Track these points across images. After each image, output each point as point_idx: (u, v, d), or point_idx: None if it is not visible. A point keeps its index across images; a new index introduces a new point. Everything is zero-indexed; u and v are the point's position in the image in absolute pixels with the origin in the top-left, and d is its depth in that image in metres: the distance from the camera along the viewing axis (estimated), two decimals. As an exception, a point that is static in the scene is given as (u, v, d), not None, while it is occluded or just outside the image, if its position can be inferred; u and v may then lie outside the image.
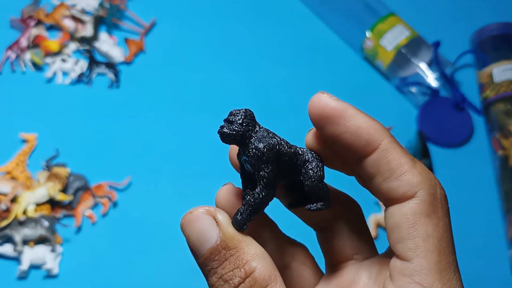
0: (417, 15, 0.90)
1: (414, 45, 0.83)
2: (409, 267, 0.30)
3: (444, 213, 0.32)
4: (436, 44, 0.83)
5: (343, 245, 0.34)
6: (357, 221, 0.35)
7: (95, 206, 0.72)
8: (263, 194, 0.32)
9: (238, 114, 0.33)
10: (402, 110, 0.84)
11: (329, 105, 0.32)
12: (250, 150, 0.32)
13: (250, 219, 0.32)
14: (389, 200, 0.31)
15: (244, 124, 0.32)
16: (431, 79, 0.82)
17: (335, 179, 0.40)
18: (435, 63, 0.83)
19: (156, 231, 0.72)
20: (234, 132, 0.32)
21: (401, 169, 0.31)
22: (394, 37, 0.83)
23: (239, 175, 0.35)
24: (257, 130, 0.33)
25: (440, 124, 0.81)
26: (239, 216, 0.32)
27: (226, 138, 0.32)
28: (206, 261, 0.30)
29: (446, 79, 0.83)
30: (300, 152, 0.34)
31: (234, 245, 0.30)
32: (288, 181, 0.33)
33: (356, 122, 0.31)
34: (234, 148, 0.34)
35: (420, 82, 0.82)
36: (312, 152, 0.34)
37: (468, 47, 0.89)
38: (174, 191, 0.74)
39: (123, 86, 0.81)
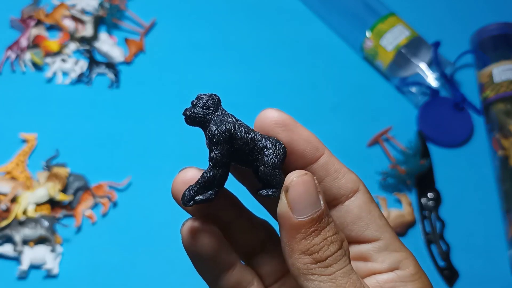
0: (417, 15, 0.90)
1: (414, 45, 0.83)
2: (382, 243, 0.35)
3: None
4: (436, 44, 0.83)
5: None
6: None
7: (95, 206, 0.72)
8: (210, 174, 0.34)
9: (202, 98, 0.35)
10: (402, 110, 0.84)
11: (284, 115, 0.36)
12: (206, 132, 0.33)
13: (195, 197, 0.33)
14: (339, 198, 0.36)
15: (204, 108, 0.34)
16: (431, 79, 0.82)
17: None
18: (435, 63, 0.83)
19: (156, 231, 0.72)
20: (194, 115, 0.34)
21: (343, 170, 0.36)
22: (394, 37, 0.83)
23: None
24: (217, 114, 0.34)
25: (440, 124, 0.82)
26: (187, 191, 0.33)
27: (187, 119, 0.34)
28: (311, 222, 0.31)
29: (446, 79, 0.83)
30: (259, 139, 0.34)
31: (329, 215, 0.32)
32: (246, 165, 0.34)
33: (305, 132, 0.36)
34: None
35: (420, 82, 0.82)
36: (275, 141, 0.35)
37: (468, 47, 0.89)
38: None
39: (123, 86, 0.81)
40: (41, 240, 0.68)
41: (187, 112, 0.35)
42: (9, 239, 0.68)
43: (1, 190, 0.70)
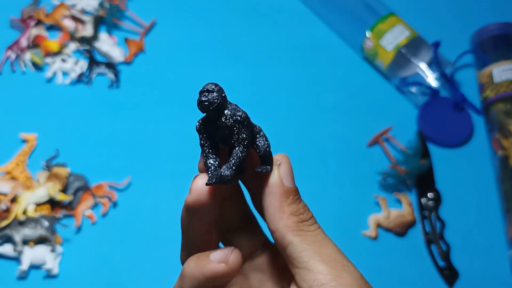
0: (417, 15, 0.90)
1: (414, 45, 0.83)
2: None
3: None
4: (436, 44, 0.83)
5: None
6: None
7: (95, 206, 0.72)
8: (244, 153, 0.37)
9: (216, 86, 0.37)
10: (402, 110, 0.84)
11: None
12: (229, 116, 0.36)
13: (236, 174, 0.37)
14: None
15: (223, 94, 0.36)
16: (431, 79, 0.82)
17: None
18: (435, 63, 0.83)
19: (156, 231, 0.72)
20: (216, 100, 0.36)
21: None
22: (394, 37, 0.83)
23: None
24: (229, 102, 0.37)
25: (440, 124, 0.82)
26: (228, 171, 0.36)
27: (208, 105, 0.36)
28: (296, 191, 0.39)
29: (446, 79, 0.83)
30: (254, 124, 0.39)
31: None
32: (251, 145, 0.39)
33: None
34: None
35: (420, 82, 0.82)
36: (259, 128, 0.39)
37: (468, 47, 0.89)
38: (174, 191, 0.74)
39: (123, 86, 0.81)
40: (41, 240, 0.68)
41: (209, 98, 0.36)
42: (9, 239, 0.68)
43: (1, 190, 0.70)
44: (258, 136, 0.38)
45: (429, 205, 0.76)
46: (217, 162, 0.38)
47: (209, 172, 0.37)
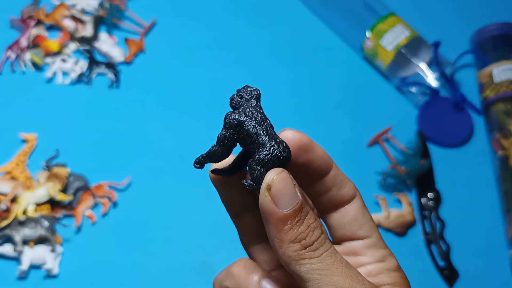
0: (417, 15, 0.90)
1: (414, 45, 0.83)
2: (371, 241, 0.41)
3: None
4: (436, 44, 0.83)
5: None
6: None
7: (95, 206, 0.72)
8: (213, 148, 0.38)
9: (245, 89, 0.41)
10: (402, 110, 0.84)
11: (303, 138, 0.39)
12: (226, 116, 0.38)
13: (202, 162, 0.39)
14: (340, 204, 0.41)
15: (240, 97, 0.40)
16: (431, 79, 0.82)
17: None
18: (435, 63, 0.83)
19: (156, 231, 0.72)
20: (232, 100, 0.39)
21: (345, 179, 0.41)
22: (394, 37, 0.83)
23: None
24: (247, 105, 0.39)
25: (440, 124, 0.82)
26: (199, 157, 0.39)
27: (230, 102, 0.39)
28: (295, 213, 0.34)
29: (446, 79, 0.83)
30: (263, 137, 0.37)
31: (306, 204, 0.36)
32: (248, 153, 0.38)
33: (320, 149, 0.39)
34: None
35: (420, 82, 0.82)
36: (278, 143, 0.37)
37: (468, 47, 0.89)
38: (174, 191, 0.75)
39: (123, 86, 0.81)
40: (41, 240, 0.68)
41: (233, 96, 0.40)
42: (9, 239, 0.68)
43: (1, 190, 0.70)
44: (259, 148, 0.36)
45: (429, 205, 0.76)
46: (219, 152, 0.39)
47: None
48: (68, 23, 0.83)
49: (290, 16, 0.90)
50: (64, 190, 0.71)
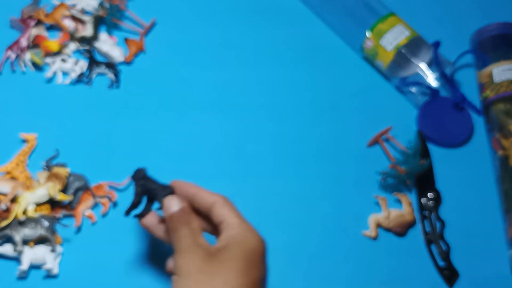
0: (417, 15, 0.90)
1: (414, 45, 0.83)
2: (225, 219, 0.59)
3: None
4: (436, 44, 0.83)
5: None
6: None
7: (95, 206, 0.73)
8: (135, 199, 0.63)
9: (139, 172, 0.64)
10: (402, 110, 0.84)
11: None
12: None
13: (129, 210, 0.63)
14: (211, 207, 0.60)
15: (141, 174, 0.64)
16: (431, 79, 0.82)
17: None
18: (435, 63, 0.83)
19: (156, 231, 0.72)
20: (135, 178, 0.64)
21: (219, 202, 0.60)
22: (394, 37, 0.83)
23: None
24: (143, 177, 0.63)
25: (440, 124, 0.82)
26: (128, 208, 0.63)
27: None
28: (180, 211, 0.58)
29: (446, 79, 0.83)
30: (155, 187, 0.62)
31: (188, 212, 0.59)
32: (154, 198, 0.63)
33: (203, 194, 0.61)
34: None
35: (420, 82, 0.82)
36: (163, 188, 0.62)
37: (468, 47, 0.89)
38: (174, 191, 0.74)
39: (123, 86, 0.81)
40: (41, 240, 0.68)
41: (133, 176, 0.64)
42: (9, 239, 0.68)
43: (1, 190, 0.70)
44: (155, 193, 0.62)
45: (429, 205, 0.76)
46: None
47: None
48: (68, 23, 0.83)
49: (290, 16, 0.90)
50: (64, 190, 0.71)
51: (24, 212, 0.69)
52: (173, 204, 0.57)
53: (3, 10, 0.84)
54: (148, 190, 0.61)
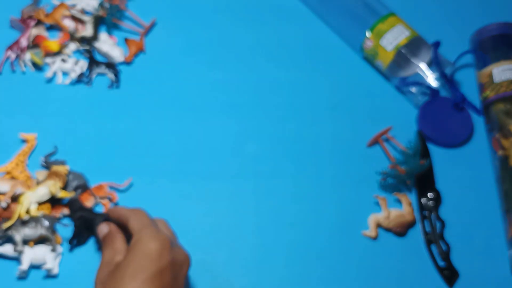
0: (417, 15, 0.90)
1: (414, 45, 0.83)
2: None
3: None
4: (436, 44, 0.83)
5: None
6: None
7: (95, 206, 0.72)
8: (74, 232, 0.70)
9: (76, 203, 0.71)
10: (402, 110, 0.84)
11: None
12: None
13: (72, 242, 0.70)
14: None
15: (78, 206, 0.71)
16: (431, 79, 0.82)
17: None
18: (435, 63, 0.83)
19: (156, 231, 0.72)
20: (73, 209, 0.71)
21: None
22: (394, 37, 0.83)
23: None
24: (81, 209, 0.71)
25: (440, 124, 0.82)
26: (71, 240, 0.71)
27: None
28: (109, 234, 0.66)
29: (446, 79, 0.83)
30: (95, 217, 0.69)
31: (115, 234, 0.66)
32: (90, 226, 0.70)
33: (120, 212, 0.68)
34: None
35: (420, 82, 0.82)
36: (102, 215, 0.69)
37: (468, 47, 0.89)
38: (175, 192, 0.74)
39: (123, 86, 0.81)
40: (41, 240, 0.68)
41: (72, 211, 0.71)
42: (9, 239, 0.68)
43: (1, 190, 0.70)
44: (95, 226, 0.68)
45: (429, 205, 0.76)
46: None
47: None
48: (68, 23, 0.83)
49: (290, 16, 0.90)
50: (64, 188, 0.71)
51: (27, 212, 0.69)
52: (102, 229, 0.66)
53: (3, 10, 0.84)
54: (86, 221, 0.69)
